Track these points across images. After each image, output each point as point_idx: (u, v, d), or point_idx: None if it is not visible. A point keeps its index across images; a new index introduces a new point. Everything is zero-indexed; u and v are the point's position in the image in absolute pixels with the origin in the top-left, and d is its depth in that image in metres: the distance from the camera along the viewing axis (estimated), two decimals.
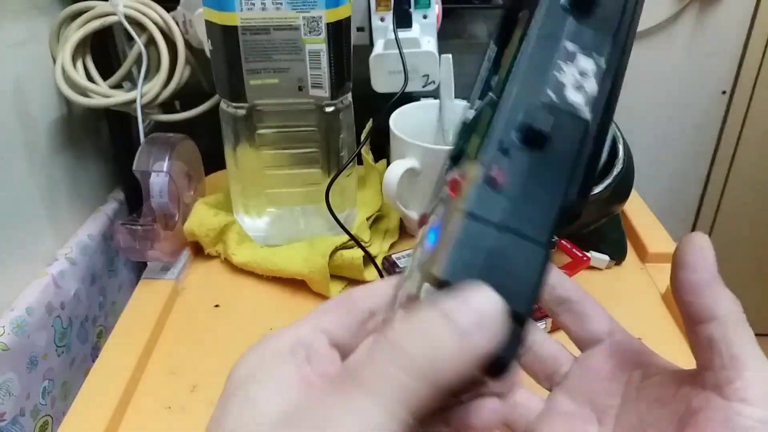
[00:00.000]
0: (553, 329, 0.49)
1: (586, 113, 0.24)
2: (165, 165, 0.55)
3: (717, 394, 0.23)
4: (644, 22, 0.91)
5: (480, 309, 0.19)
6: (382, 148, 0.65)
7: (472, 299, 0.19)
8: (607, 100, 0.24)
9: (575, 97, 0.24)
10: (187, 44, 0.61)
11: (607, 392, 0.28)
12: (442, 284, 0.21)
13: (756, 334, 0.25)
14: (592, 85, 0.24)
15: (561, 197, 0.23)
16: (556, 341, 0.32)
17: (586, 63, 0.25)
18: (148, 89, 0.60)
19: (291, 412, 0.19)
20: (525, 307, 0.21)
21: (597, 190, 0.51)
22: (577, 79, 0.24)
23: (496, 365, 0.20)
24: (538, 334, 0.32)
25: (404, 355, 0.18)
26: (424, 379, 0.18)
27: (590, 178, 0.24)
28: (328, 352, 0.22)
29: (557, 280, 0.31)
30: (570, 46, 0.25)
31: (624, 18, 0.25)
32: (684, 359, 0.50)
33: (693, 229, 1.17)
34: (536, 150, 0.23)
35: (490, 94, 0.25)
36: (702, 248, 0.25)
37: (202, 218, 0.58)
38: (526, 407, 0.30)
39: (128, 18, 0.59)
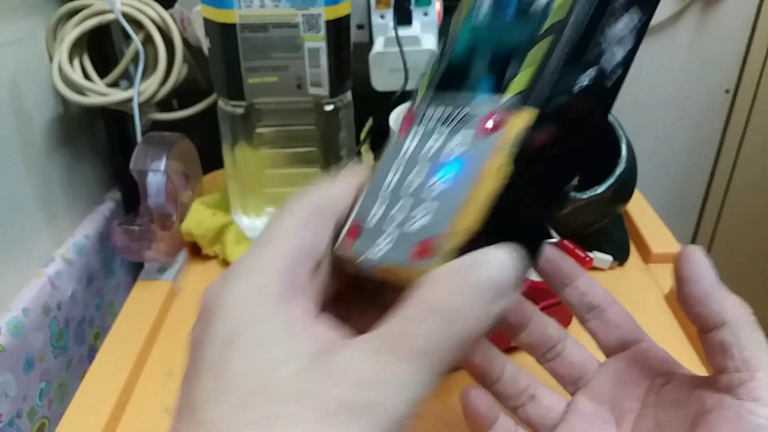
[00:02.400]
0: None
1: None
2: (162, 164, 0.55)
3: (730, 394, 0.24)
4: None
5: (504, 275, 0.18)
6: (382, 147, 0.65)
7: (501, 264, 0.18)
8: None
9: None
10: (185, 42, 0.61)
11: (628, 397, 0.29)
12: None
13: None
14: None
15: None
16: (585, 349, 0.32)
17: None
18: (145, 88, 0.59)
19: (323, 361, 0.18)
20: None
21: (599, 190, 0.51)
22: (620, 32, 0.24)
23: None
24: (569, 340, 0.32)
25: (444, 321, 0.18)
26: (459, 343, 0.18)
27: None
28: (312, 281, 0.21)
29: (588, 287, 0.31)
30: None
31: None
32: (686, 359, 0.49)
33: (696, 229, 1.17)
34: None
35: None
36: (698, 261, 0.26)
37: (199, 218, 0.58)
38: (551, 409, 0.31)
39: (125, 16, 0.58)
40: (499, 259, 0.18)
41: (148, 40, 0.60)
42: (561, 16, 0.23)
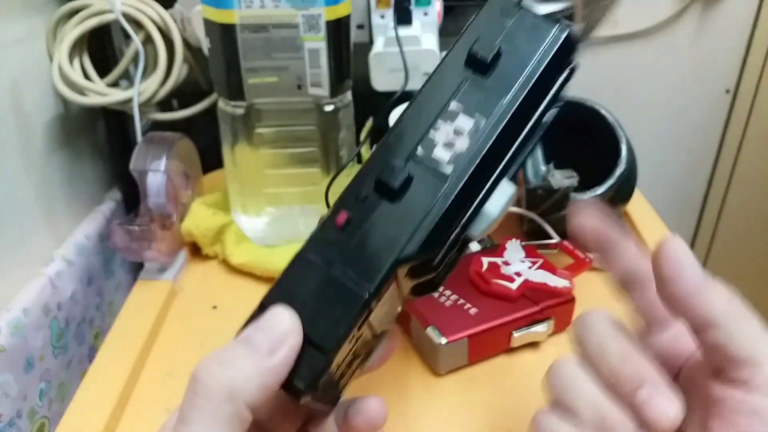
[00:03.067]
0: (557, 330, 0.48)
1: (448, 169, 0.24)
2: (162, 164, 0.55)
3: (740, 389, 0.23)
4: (647, 20, 0.91)
5: (274, 329, 0.22)
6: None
7: (269, 320, 0.22)
8: (487, 157, 0.25)
9: (442, 154, 0.25)
10: (185, 42, 0.60)
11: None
12: (264, 307, 0.23)
13: None
14: (463, 143, 0.25)
15: (397, 251, 0.24)
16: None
17: (465, 122, 0.25)
18: (145, 88, 0.59)
19: None
20: (330, 343, 0.22)
21: (600, 190, 0.51)
22: (450, 137, 0.25)
23: (294, 387, 0.22)
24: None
25: (204, 386, 0.21)
26: (227, 398, 0.21)
27: (444, 229, 0.24)
28: None
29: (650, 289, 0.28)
30: (455, 105, 0.26)
31: (525, 83, 0.25)
32: None
33: (696, 229, 1.17)
34: (386, 201, 0.24)
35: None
36: (677, 256, 0.25)
37: (199, 218, 0.58)
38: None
39: (126, 16, 0.58)
40: (270, 321, 0.22)
41: (148, 40, 0.60)
42: None
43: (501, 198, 0.26)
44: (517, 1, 0.27)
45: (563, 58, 0.26)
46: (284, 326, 0.22)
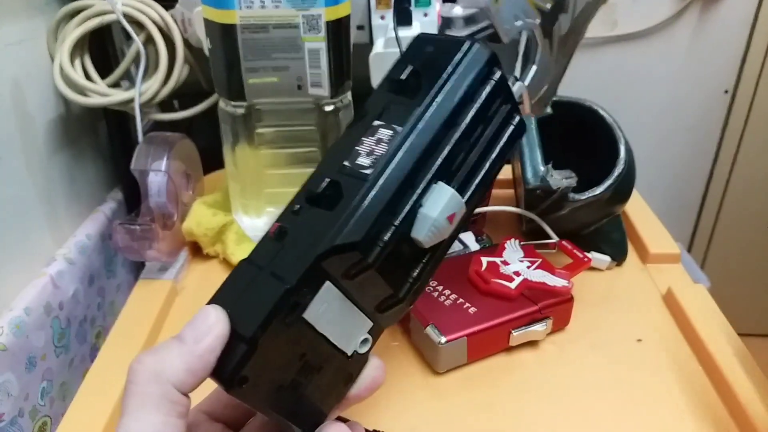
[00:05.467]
0: (555, 330, 0.48)
1: (367, 171, 0.26)
2: (163, 164, 0.55)
3: None
4: (646, 21, 0.91)
5: (200, 323, 0.24)
6: None
7: (198, 317, 0.25)
8: (407, 156, 0.27)
9: (364, 161, 0.27)
10: (186, 43, 0.61)
11: None
12: None
13: (759, 335, 0.24)
14: (382, 149, 0.27)
15: (323, 243, 0.25)
16: None
17: (385, 133, 0.28)
18: (146, 88, 0.59)
19: None
20: (249, 330, 0.24)
21: (598, 190, 0.51)
22: (371, 146, 0.27)
23: (220, 375, 0.24)
24: None
25: (133, 372, 0.23)
26: (154, 382, 0.23)
27: (378, 221, 0.26)
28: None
29: None
30: (377, 123, 0.28)
31: (438, 91, 0.28)
32: (683, 360, 0.50)
33: (695, 230, 1.17)
34: (316, 208, 0.26)
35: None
36: None
37: (200, 218, 0.58)
38: None
39: (127, 16, 0.58)
40: (198, 317, 0.25)
41: (149, 41, 0.60)
42: None
43: (437, 200, 0.27)
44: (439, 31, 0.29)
45: (477, 67, 0.28)
46: (210, 320, 0.24)
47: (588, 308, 0.51)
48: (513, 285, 0.47)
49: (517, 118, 0.31)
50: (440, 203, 0.27)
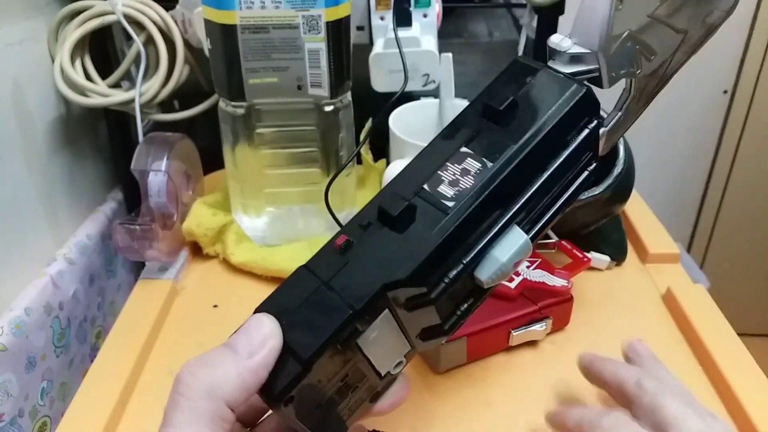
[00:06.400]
0: (555, 329, 0.48)
1: (449, 203, 0.26)
2: (163, 164, 0.55)
3: None
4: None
5: (254, 333, 0.23)
6: (381, 147, 0.65)
7: (251, 326, 0.24)
8: (491, 196, 0.26)
9: (446, 190, 0.26)
10: (186, 43, 0.61)
11: None
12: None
13: (758, 335, 0.25)
14: (468, 182, 0.26)
15: (389, 272, 0.24)
16: None
17: (473, 164, 0.27)
18: (146, 88, 0.59)
19: None
20: (307, 353, 0.23)
21: (597, 190, 0.51)
22: (456, 175, 0.26)
23: (270, 393, 0.23)
24: None
25: (185, 385, 0.22)
26: (205, 395, 0.22)
27: (438, 261, 0.25)
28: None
29: None
30: (465, 149, 0.27)
31: (536, 132, 0.27)
32: (683, 359, 0.50)
33: (694, 230, 1.17)
34: (387, 229, 0.25)
35: None
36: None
37: (200, 218, 0.58)
38: None
39: (127, 17, 0.58)
40: (252, 326, 0.24)
41: (149, 42, 0.60)
42: None
43: (510, 244, 0.26)
44: (544, 62, 0.28)
45: (579, 114, 0.27)
46: (264, 331, 0.23)
47: (588, 308, 0.51)
48: (513, 285, 0.47)
49: (594, 165, 0.30)
50: (512, 249, 0.26)
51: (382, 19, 0.58)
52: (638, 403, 0.34)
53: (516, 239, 0.27)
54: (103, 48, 0.62)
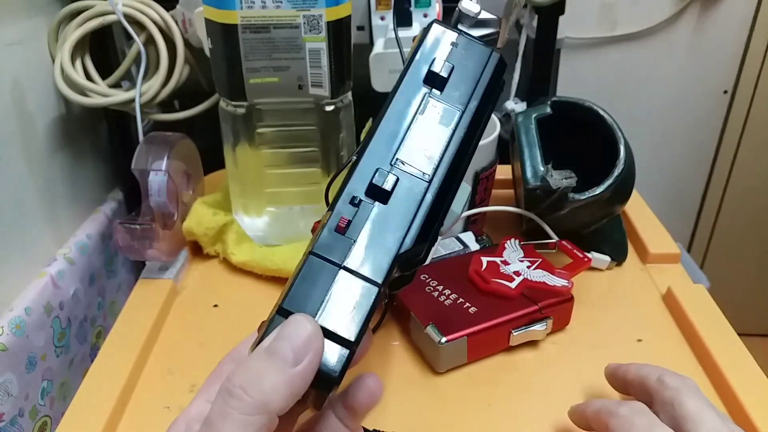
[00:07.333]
0: (555, 329, 0.48)
1: (426, 170, 0.29)
2: (163, 164, 0.55)
3: None
4: (645, 21, 0.91)
5: (296, 337, 0.23)
6: None
7: (291, 329, 0.24)
8: (455, 159, 0.30)
9: (418, 158, 0.29)
10: (187, 43, 0.61)
11: None
12: (286, 313, 0.25)
13: (758, 335, 0.25)
14: (434, 148, 0.30)
15: (397, 245, 0.27)
16: None
17: (433, 130, 0.30)
18: (147, 88, 0.60)
19: None
20: (352, 335, 0.25)
21: (598, 190, 0.51)
22: (421, 142, 0.30)
23: (323, 381, 0.24)
24: None
25: (237, 400, 0.22)
26: (258, 410, 0.22)
27: (430, 224, 0.28)
28: None
29: None
30: (420, 117, 0.30)
31: (475, 96, 0.31)
32: (683, 359, 0.50)
33: (694, 230, 1.17)
34: (379, 203, 0.28)
35: (353, 156, 0.31)
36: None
37: (200, 217, 0.58)
38: None
39: (127, 17, 0.58)
40: (292, 330, 0.24)
41: (149, 41, 0.60)
42: None
43: (460, 198, 0.30)
44: (454, 25, 0.32)
45: (499, 76, 0.32)
46: (306, 333, 0.23)
47: (588, 308, 0.51)
48: (513, 285, 0.47)
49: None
50: (464, 200, 0.32)
51: (382, 19, 0.58)
52: (659, 398, 0.34)
53: (465, 191, 0.32)
54: (103, 48, 0.62)
